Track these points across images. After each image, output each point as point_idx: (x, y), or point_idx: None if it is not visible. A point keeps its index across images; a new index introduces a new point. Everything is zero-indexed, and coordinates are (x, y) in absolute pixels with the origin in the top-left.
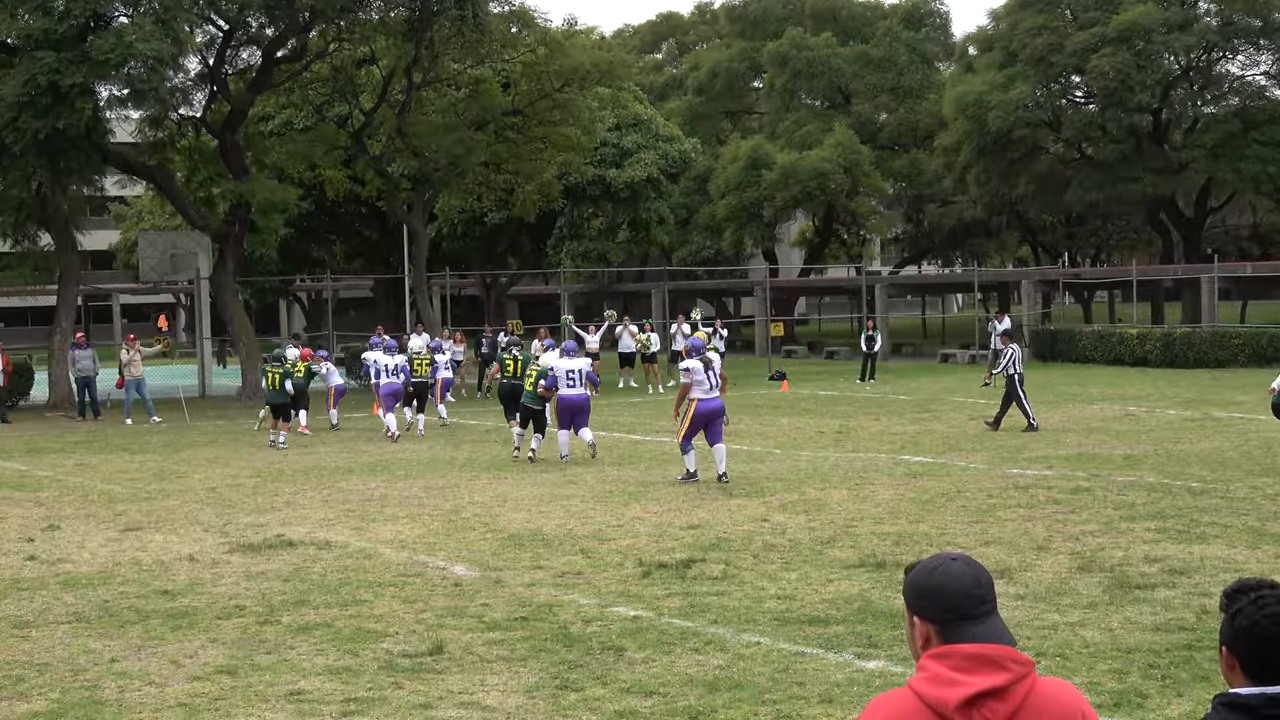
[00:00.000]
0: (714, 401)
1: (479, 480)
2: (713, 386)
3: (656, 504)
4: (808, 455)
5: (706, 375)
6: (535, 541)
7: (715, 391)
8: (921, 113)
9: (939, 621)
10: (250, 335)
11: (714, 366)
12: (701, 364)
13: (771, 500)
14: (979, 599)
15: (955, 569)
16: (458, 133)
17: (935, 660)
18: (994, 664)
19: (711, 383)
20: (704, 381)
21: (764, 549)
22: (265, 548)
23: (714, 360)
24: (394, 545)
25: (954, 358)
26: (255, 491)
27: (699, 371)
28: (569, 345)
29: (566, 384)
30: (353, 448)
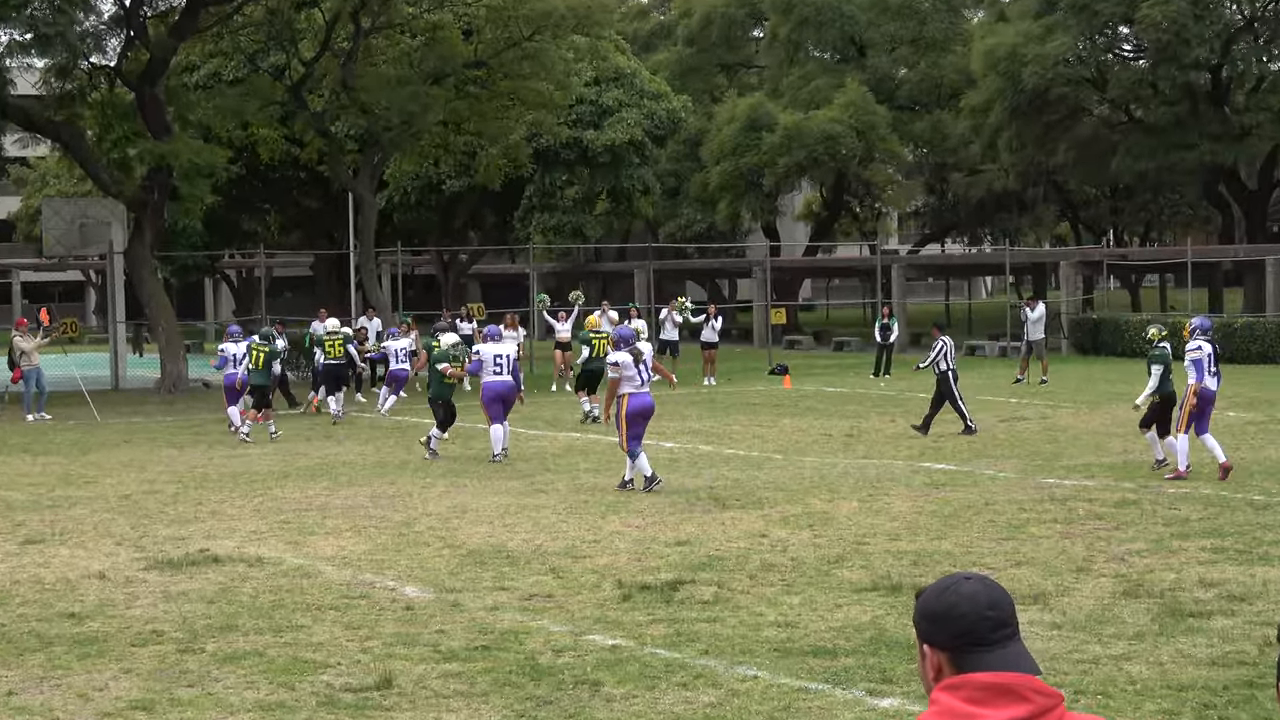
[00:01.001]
0: (646, 397)
1: (434, 488)
2: (645, 380)
3: (638, 516)
4: (813, 461)
5: (637, 369)
6: (499, 559)
7: (648, 385)
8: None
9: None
10: (171, 319)
11: (645, 359)
12: (631, 356)
13: (771, 513)
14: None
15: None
16: (412, 87)
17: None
18: (1014, 695)
19: (643, 377)
20: (634, 376)
21: (762, 569)
22: (187, 564)
23: (645, 352)
24: (336, 562)
25: (981, 350)
26: (176, 499)
27: (629, 365)
28: (492, 329)
29: (493, 370)
30: (288, 450)
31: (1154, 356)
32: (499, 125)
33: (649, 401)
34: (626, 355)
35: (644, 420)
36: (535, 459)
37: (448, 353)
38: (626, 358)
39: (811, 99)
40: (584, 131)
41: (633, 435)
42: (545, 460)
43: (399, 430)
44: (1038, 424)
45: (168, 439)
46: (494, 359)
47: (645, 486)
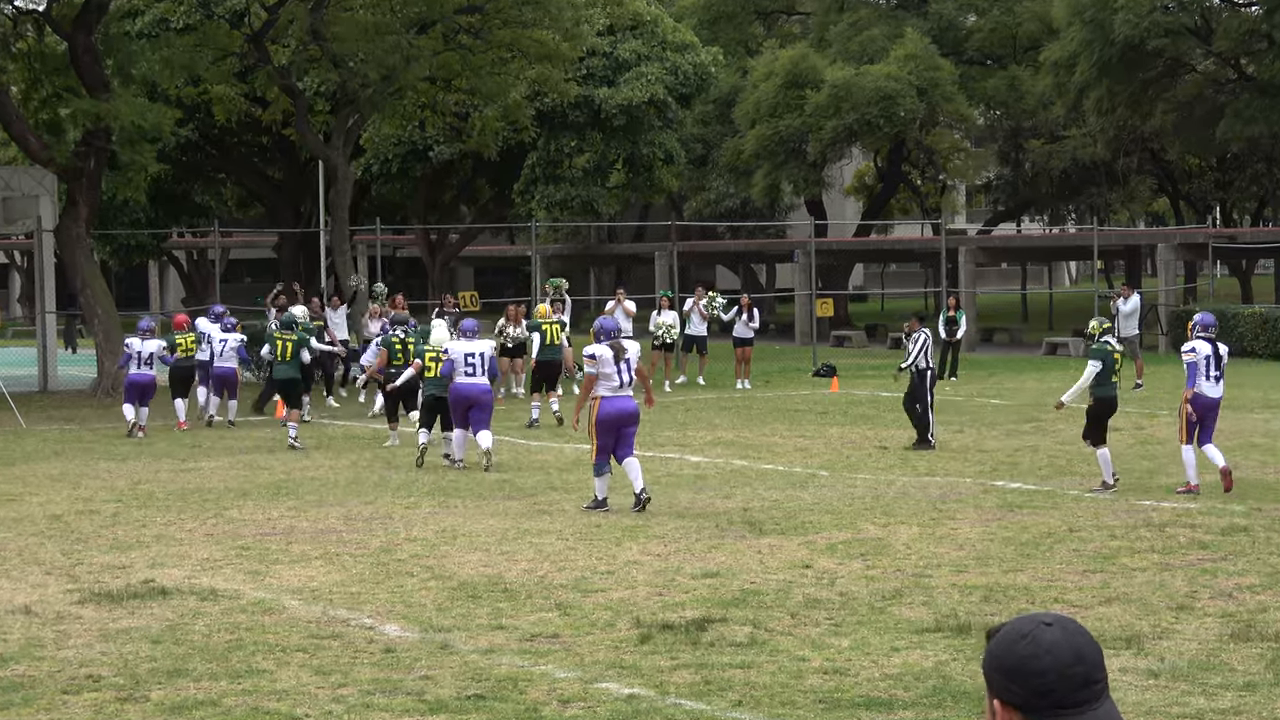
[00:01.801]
0: (624, 401)
1: (419, 509)
2: (624, 383)
3: (660, 543)
4: (866, 479)
5: (616, 367)
6: (495, 592)
7: (628, 389)
8: (1023, 15)
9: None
10: (110, 308)
11: (628, 357)
12: (611, 351)
13: (816, 540)
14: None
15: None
16: (393, 35)
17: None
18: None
19: (623, 378)
20: (612, 375)
21: (805, 605)
22: (129, 597)
23: (629, 349)
24: (304, 595)
25: (1064, 349)
26: (115, 521)
27: (606, 362)
28: (468, 324)
29: (465, 371)
30: (249, 463)
31: (1092, 352)
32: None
33: (628, 407)
34: (605, 349)
35: (617, 429)
36: (538, 475)
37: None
38: (605, 352)
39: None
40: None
41: (601, 447)
42: (550, 476)
43: (378, 440)
44: (1130, 436)
45: (106, 450)
46: (465, 358)
47: (590, 505)
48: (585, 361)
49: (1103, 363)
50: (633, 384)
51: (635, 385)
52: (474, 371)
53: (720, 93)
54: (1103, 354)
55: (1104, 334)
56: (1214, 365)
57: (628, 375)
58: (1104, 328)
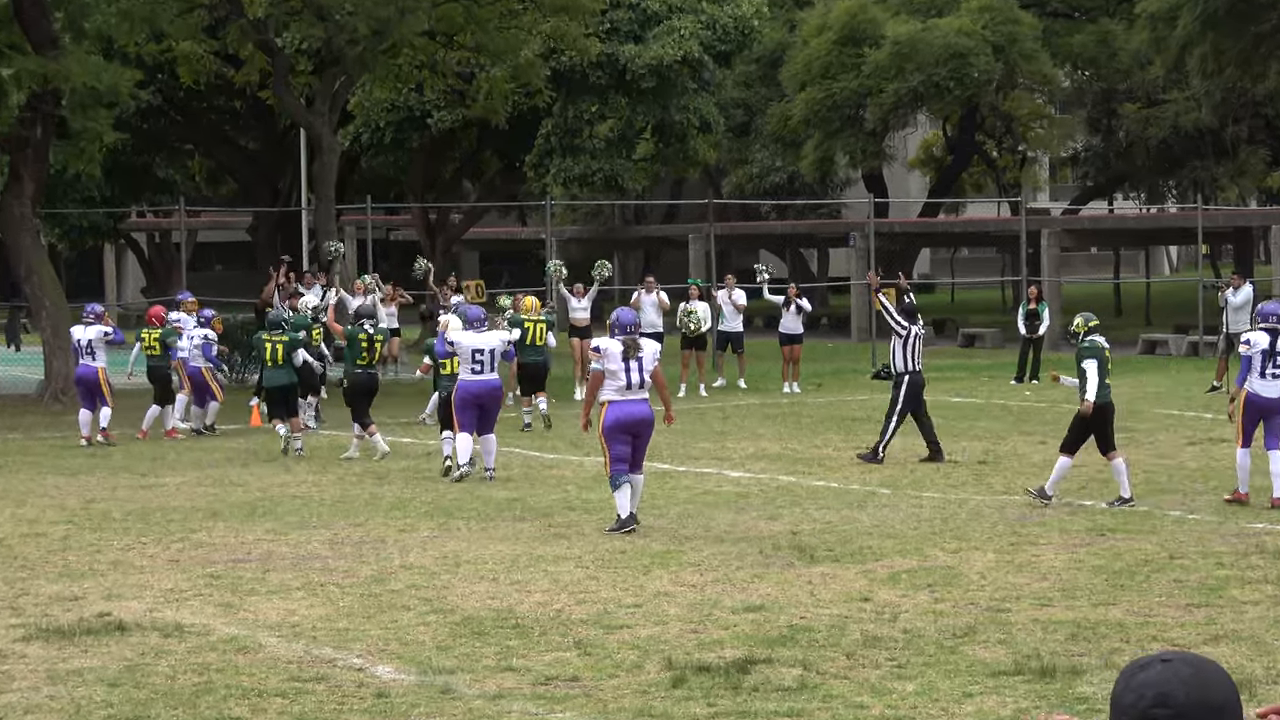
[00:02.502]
0: (636, 407)
1: (416, 531)
2: (632, 384)
3: (695, 571)
4: (933, 498)
5: (624, 365)
6: (504, 628)
7: (640, 392)
8: None
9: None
10: (59, 299)
11: (641, 355)
12: (620, 347)
13: (875, 568)
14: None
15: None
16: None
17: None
18: None
19: (631, 379)
20: (618, 374)
21: (864, 644)
22: (81, 633)
23: (645, 348)
24: (283, 632)
25: (1164, 347)
26: (66, 545)
27: (614, 358)
28: (474, 312)
29: (472, 368)
30: (219, 478)
31: (1083, 351)
32: (505, 38)
33: (638, 412)
34: (614, 344)
35: (627, 436)
36: (554, 492)
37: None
38: (613, 347)
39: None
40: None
41: (614, 456)
42: (567, 494)
43: (366, 452)
44: (1227, 448)
45: (54, 463)
46: (473, 353)
47: (614, 527)
48: (592, 355)
49: (1096, 361)
50: (645, 386)
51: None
52: (482, 368)
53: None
54: (1095, 352)
55: (1091, 331)
56: (1271, 360)
57: (638, 376)
58: (1091, 324)
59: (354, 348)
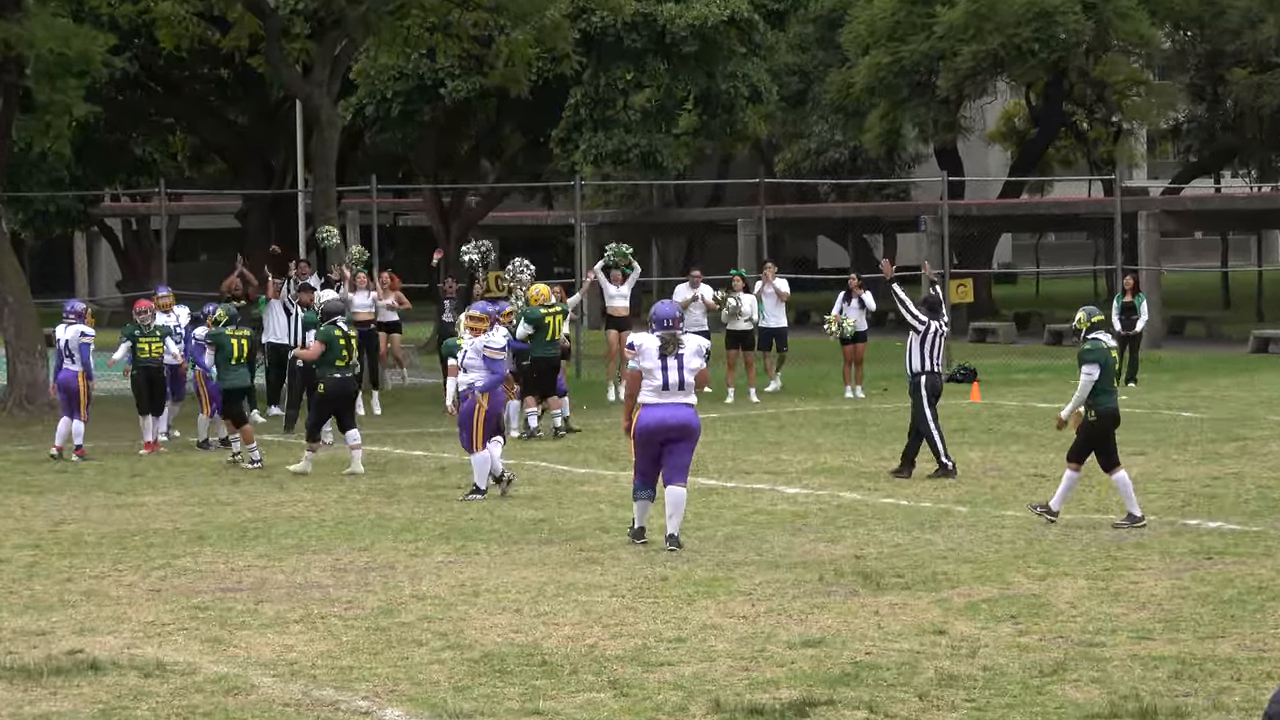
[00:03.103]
0: (668, 410)
1: (429, 556)
2: (670, 385)
3: (746, 600)
4: (1016, 517)
5: (661, 364)
6: (530, 666)
7: (679, 394)
8: None
9: None
10: (24, 294)
11: (681, 353)
12: (657, 342)
13: (951, 596)
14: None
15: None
16: None
17: None
18: None
19: (669, 379)
20: (654, 373)
21: (938, 683)
22: (50, 673)
23: (687, 344)
24: (279, 670)
25: (1278, 344)
26: (32, 573)
27: (648, 354)
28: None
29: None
30: (205, 496)
31: (1085, 353)
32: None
33: (673, 417)
34: (649, 339)
35: (659, 445)
36: (585, 510)
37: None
38: (647, 342)
39: None
40: (660, 4)
41: (637, 467)
42: (600, 513)
43: (375, 467)
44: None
45: (20, 480)
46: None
47: (629, 532)
48: (627, 353)
49: (1100, 366)
50: (686, 388)
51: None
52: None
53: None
54: (1099, 355)
55: (1095, 328)
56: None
57: (677, 376)
58: (1095, 320)
59: (333, 349)
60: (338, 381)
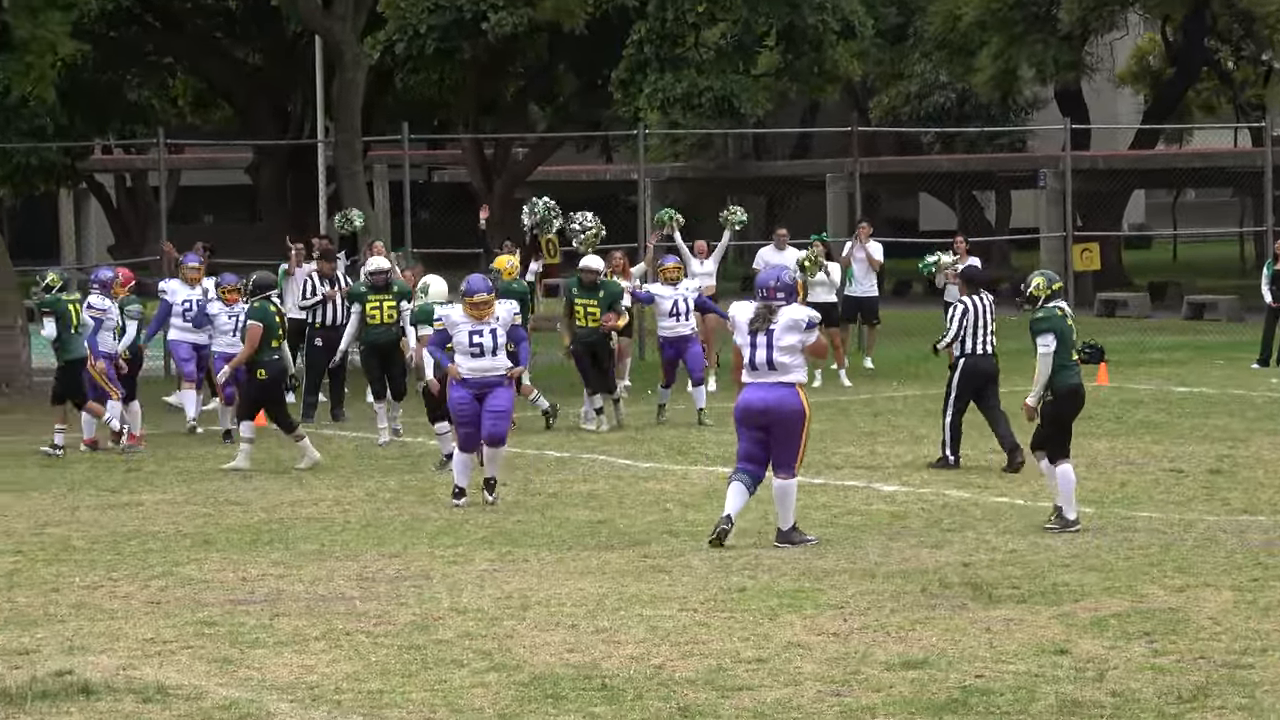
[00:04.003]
0: (761, 392)
1: (471, 563)
2: (758, 364)
3: (837, 615)
4: (1150, 519)
5: (750, 340)
6: (587, 690)
7: (770, 373)
8: None
9: None
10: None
11: (774, 326)
12: (750, 314)
13: (1075, 611)
14: None
15: None
16: None
17: None
18: None
19: (755, 356)
20: (743, 348)
21: (1060, 710)
22: (35, 697)
23: (783, 316)
24: (298, 695)
25: None
26: (13, 582)
27: (740, 329)
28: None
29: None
30: (212, 494)
31: (1038, 322)
32: None
33: (765, 400)
34: (744, 310)
35: (754, 430)
36: (650, 512)
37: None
38: (740, 314)
39: None
40: None
41: (739, 453)
42: (668, 515)
43: (408, 461)
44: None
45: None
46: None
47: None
48: (729, 324)
49: (1056, 335)
50: (775, 368)
51: None
52: (481, 351)
53: None
54: (1053, 323)
55: (1054, 296)
56: None
57: (764, 354)
58: (1055, 287)
59: (270, 330)
60: (276, 364)
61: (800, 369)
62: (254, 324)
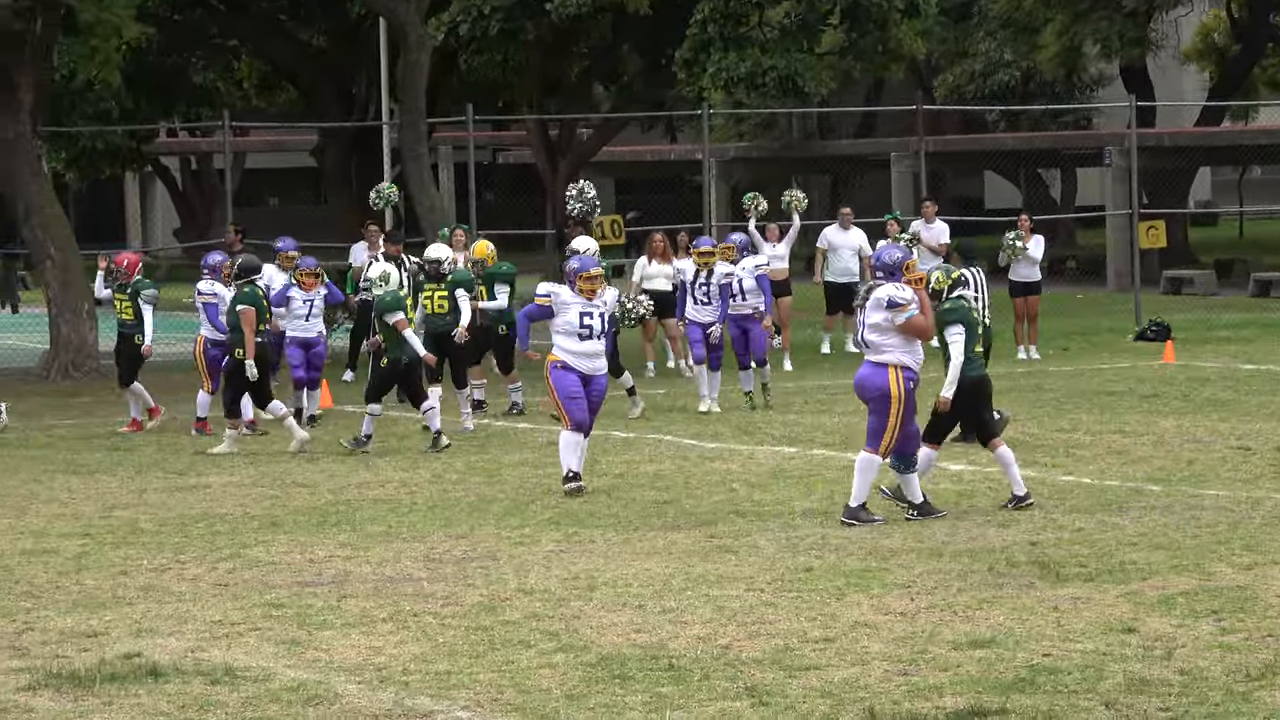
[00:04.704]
0: (860, 369)
1: (538, 544)
2: (858, 342)
3: (904, 594)
4: (1218, 497)
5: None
6: (654, 670)
7: (866, 351)
8: None
9: None
10: (68, 244)
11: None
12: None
13: (1142, 589)
14: None
15: None
16: None
17: None
18: None
19: (856, 336)
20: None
21: (1128, 689)
22: (103, 680)
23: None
24: (365, 676)
25: None
26: (81, 565)
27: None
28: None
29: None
30: (279, 476)
31: (945, 314)
32: None
33: (857, 377)
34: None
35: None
36: (717, 492)
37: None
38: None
39: None
40: None
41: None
42: (734, 494)
43: (475, 442)
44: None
45: (66, 457)
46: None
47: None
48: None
49: (964, 327)
50: (868, 347)
51: None
52: (590, 333)
53: None
54: (961, 314)
55: (956, 286)
56: None
57: (859, 333)
58: (954, 277)
59: (260, 313)
60: (259, 347)
61: (894, 349)
62: (246, 308)
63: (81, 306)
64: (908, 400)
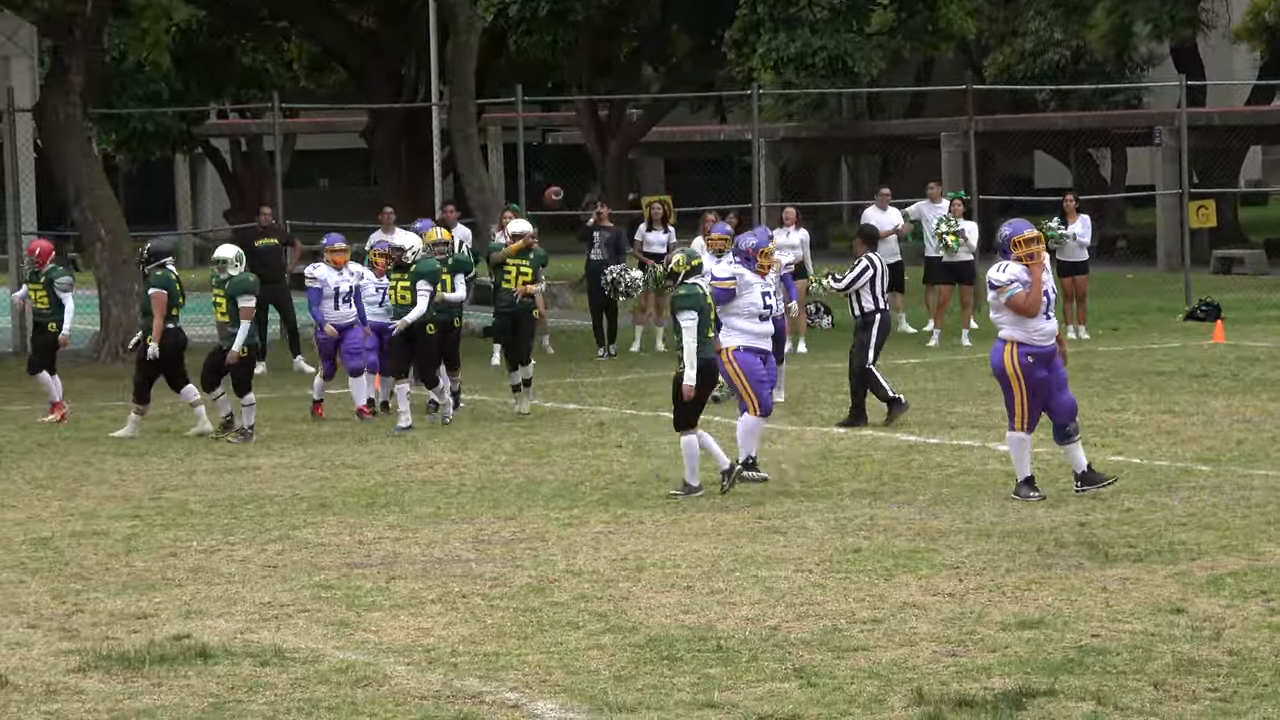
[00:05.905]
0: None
1: (586, 525)
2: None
3: (952, 575)
4: (1269, 477)
5: None
6: (702, 652)
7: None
8: None
9: None
10: (119, 226)
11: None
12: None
13: (1191, 570)
14: None
15: None
16: None
17: None
18: None
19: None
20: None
21: (1177, 670)
22: (153, 662)
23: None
24: (414, 657)
25: None
26: (130, 546)
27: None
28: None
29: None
30: (329, 458)
31: (680, 298)
32: None
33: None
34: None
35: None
36: (765, 471)
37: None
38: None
39: None
40: None
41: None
42: (781, 475)
43: (524, 423)
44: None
45: (115, 441)
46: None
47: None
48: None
49: (697, 313)
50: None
51: None
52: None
53: None
54: (694, 300)
55: (693, 272)
56: None
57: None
58: (694, 263)
59: (173, 297)
60: (172, 333)
61: (1008, 325)
62: (158, 291)
63: (132, 288)
64: (1029, 374)
